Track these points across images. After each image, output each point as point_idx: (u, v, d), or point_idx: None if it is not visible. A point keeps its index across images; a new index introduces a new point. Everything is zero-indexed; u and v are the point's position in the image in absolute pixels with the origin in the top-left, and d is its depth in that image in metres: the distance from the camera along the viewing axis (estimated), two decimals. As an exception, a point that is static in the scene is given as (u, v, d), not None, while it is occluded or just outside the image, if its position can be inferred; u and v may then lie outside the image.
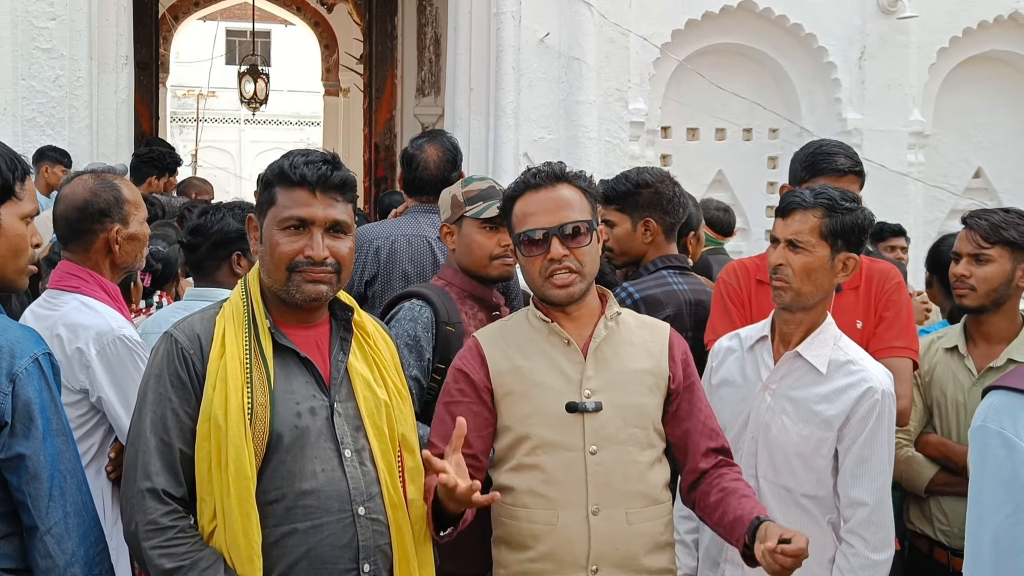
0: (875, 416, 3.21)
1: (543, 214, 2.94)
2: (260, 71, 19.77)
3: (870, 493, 3.21)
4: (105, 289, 3.57)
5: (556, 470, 2.92)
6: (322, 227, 2.68)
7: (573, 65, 8.20)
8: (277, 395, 2.64)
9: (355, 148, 18.17)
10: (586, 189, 3.02)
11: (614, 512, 2.91)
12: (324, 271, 2.68)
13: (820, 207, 3.25)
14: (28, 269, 2.76)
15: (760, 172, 9.01)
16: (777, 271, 3.28)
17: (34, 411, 2.50)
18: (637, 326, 3.10)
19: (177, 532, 2.54)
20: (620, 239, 4.20)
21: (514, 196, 3.03)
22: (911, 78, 8.93)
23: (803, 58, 8.93)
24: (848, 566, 3.21)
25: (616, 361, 2.99)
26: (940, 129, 9.12)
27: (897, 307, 3.80)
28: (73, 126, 7.52)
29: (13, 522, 2.52)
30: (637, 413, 2.98)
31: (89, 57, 7.58)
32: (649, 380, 3.01)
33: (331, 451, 2.68)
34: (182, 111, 30.15)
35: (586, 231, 2.96)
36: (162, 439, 2.59)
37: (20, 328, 2.64)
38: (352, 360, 2.79)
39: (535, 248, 2.95)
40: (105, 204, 3.60)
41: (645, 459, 2.97)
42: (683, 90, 8.83)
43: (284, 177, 2.69)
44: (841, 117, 8.79)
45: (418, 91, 14.08)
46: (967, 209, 8.35)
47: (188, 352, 2.65)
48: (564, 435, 2.92)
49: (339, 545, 2.64)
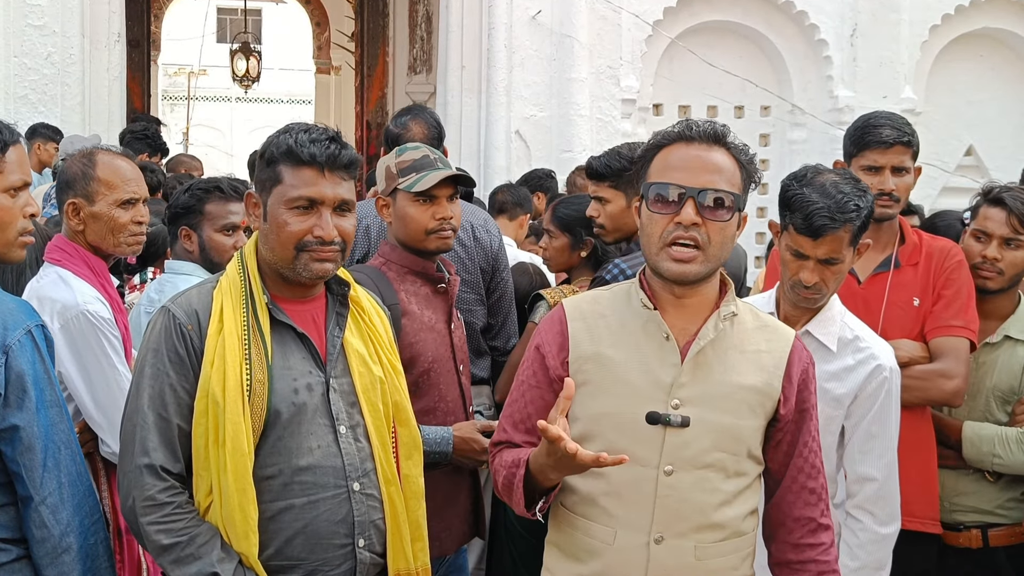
0: (884, 392, 3.22)
1: (687, 171, 2.48)
2: (252, 49, 19.71)
3: (879, 468, 3.23)
4: (89, 264, 3.51)
5: (622, 483, 2.51)
6: (331, 206, 2.66)
7: (565, 43, 8.20)
8: (275, 371, 2.63)
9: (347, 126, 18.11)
10: (745, 164, 2.57)
11: (681, 544, 2.50)
12: (331, 249, 2.66)
13: (849, 223, 3.15)
14: (19, 241, 2.73)
15: (752, 149, 8.98)
16: (812, 287, 3.20)
17: (27, 382, 2.52)
18: (755, 328, 2.63)
19: (174, 508, 2.54)
20: (614, 216, 4.14)
21: (660, 145, 2.58)
22: (903, 55, 8.95)
23: (795, 35, 8.94)
24: (857, 541, 3.23)
25: (720, 370, 2.54)
26: (932, 106, 9.14)
27: (957, 285, 3.73)
28: (65, 103, 7.51)
29: (8, 493, 2.54)
30: (730, 436, 2.53)
31: (81, 34, 7.56)
32: (753, 399, 2.55)
33: (327, 427, 2.68)
34: (173, 89, 30.05)
35: (730, 206, 2.48)
36: (160, 415, 2.57)
37: (13, 300, 2.63)
38: (348, 336, 2.78)
39: (665, 207, 2.47)
40: (71, 176, 3.52)
41: (730, 488, 2.53)
42: (675, 68, 8.84)
43: (292, 155, 2.65)
44: (833, 95, 8.81)
45: (410, 69, 14.04)
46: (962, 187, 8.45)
47: (186, 328, 2.62)
48: (638, 447, 2.49)
49: (335, 520, 2.65)
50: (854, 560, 3.22)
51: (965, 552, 3.77)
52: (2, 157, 2.63)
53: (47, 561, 2.53)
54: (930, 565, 3.75)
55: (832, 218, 3.12)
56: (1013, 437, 3.68)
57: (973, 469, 3.76)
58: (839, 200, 3.14)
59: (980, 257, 3.80)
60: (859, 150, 3.80)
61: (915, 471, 3.63)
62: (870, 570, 3.23)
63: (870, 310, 3.70)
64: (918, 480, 3.65)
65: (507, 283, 4.47)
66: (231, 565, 2.52)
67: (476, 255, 4.33)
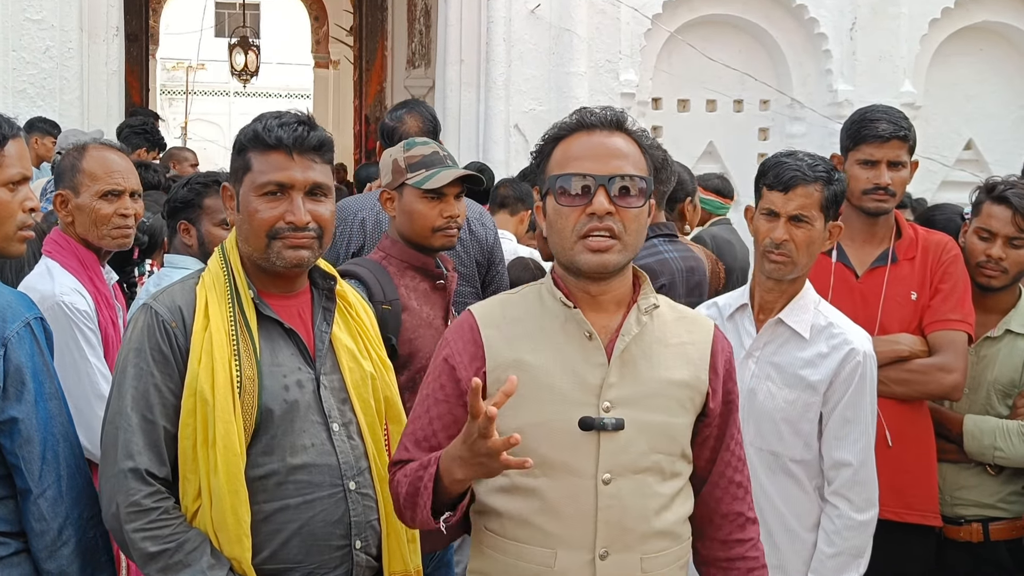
0: (857, 377, 3.21)
1: (592, 160, 2.36)
2: (251, 43, 19.70)
3: (854, 454, 3.21)
4: (79, 256, 3.53)
5: (558, 499, 2.35)
6: (302, 190, 2.57)
7: (564, 36, 8.19)
8: (264, 368, 2.54)
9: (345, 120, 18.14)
10: (647, 148, 2.45)
11: (626, 557, 2.37)
12: (306, 236, 2.57)
13: (820, 180, 3.22)
14: (18, 235, 2.72)
15: (751, 143, 9.01)
16: (781, 247, 3.23)
17: (26, 375, 2.50)
18: (675, 320, 2.51)
19: (161, 513, 2.44)
20: None
21: (559, 136, 2.45)
22: (902, 49, 8.93)
23: (794, 29, 8.93)
24: (833, 527, 3.21)
25: (646, 367, 2.41)
26: (931, 100, 9.13)
27: (954, 279, 3.72)
28: (64, 97, 7.50)
29: (7, 486, 2.53)
30: (665, 436, 2.41)
31: (79, 28, 7.54)
32: (684, 394, 2.44)
33: (319, 425, 2.60)
34: (171, 83, 30.03)
35: (640, 192, 2.36)
36: (144, 416, 2.47)
37: (12, 293, 2.62)
38: (336, 331, 2.71)
39: (574, 199, 2.34)
40: (62, 169, 3.56)
41: (667, 491, 2.42)
42: (674, 61, 8.83)
43: (259, 141, 2.57)
44: (832, 89, 8.80)
45: (408, 63, 14.04)
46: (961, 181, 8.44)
47: (170, 325, 2.52)
48: (572, 456, 2.35)
49: (331, 521, 2.57)
50: (831, 547, 3.21)
51: (966, 546, 3.77)
52: (1, 151, 2.61)
53: (46, 555, 2.51)
54: (929, 558, 3.75)
55: (802, 173, 3.20)
56: (1014, 430, 3.68)
57: (974, 463, 3.76)
58: (809, 162, 3.24)
59: (984, 256, 3.79)
60: (855, 144, 3.80)
61: (914, 464, 3.64)
62: (847, 557, 3.21)
63: (868, 304, 3.70)
64: (917, 473, 3.66)
65: (503, 276, 4.46)
66: (222, 572, 2.44)
67: (472, 248, 4.31)
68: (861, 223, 3.80)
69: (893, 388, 3.60)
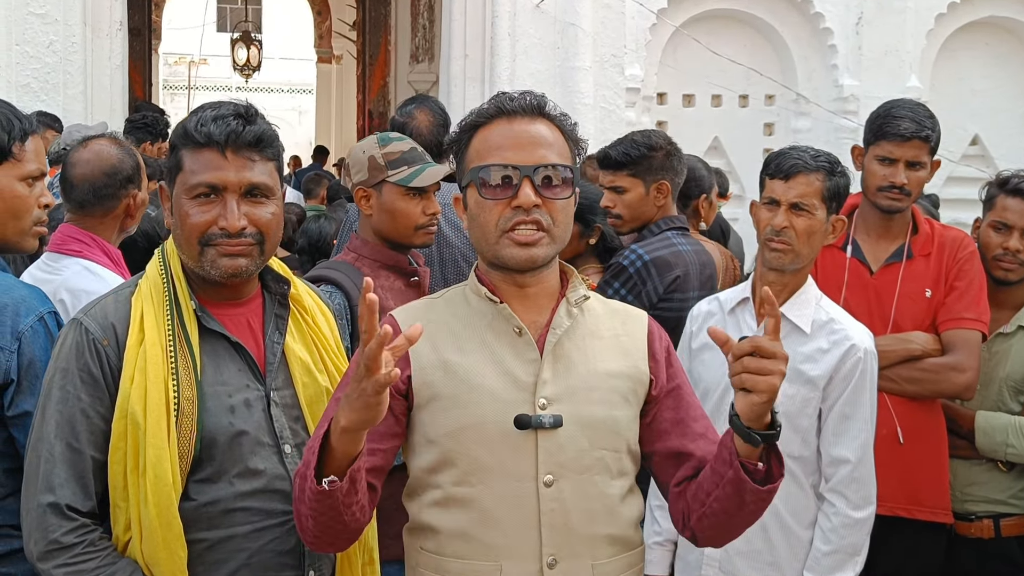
0: (858, 374, 3.20)
1: (514, 149, 2.25)
2: (253, 38, 19.70)
3: (852, 450, 3.20)
4: (108, 253, 3.54)
5: (498, 507, 2.22)
6: (236, 192, 2.32)
7: (569, 31, 8.16)
8: (206, 388, 2.32)
9: (348, 115, 18.13)
10: (569, 134, 2.35)
11: (576, 564, 2.24)
12: (243, 243, 2.33)
13: (822, 170, 3.23)
14: (34, 231, 2.75)
15: (756, 139, 8.99)
16: (780, 234, 3.23)
17: (40, 369, 2.50)
18: (606, 314, 2.42)
19: (85, 547, 2.24)
20: (632, 204, 4.09)
21: (476, 125, 2.33)
22: (908, 44, 8.90)
23: (800, 24, 8.90)
24: (830, 525, 3.20)
25: (581, 360, 2.31)
26: (937, 95, 9.08)
27: (969, 277, 3.71)
28: (67, 92, 7.47)
29: (18, 479, 2.51)
30: (607, 431, 2.29)
31: (83, 22, 7.52)
32: (624, 386, 2.33)
33: (270, 447, 2.38)
34: (173, 79, 29.98)
35: (566, 182, 2.27)
36: (70, 444, 2.26)
37: (26, 287, 2.64)
38: (289, 341, 2.47)
39: (497, 191, 2.24)
40: (131, 170, 3.58)
41: (615, 491, 2.30)
42: (679, 56, 8.80)
43: (189, 138, 2.33)
44: (838, 83, 8.77)
45: (412, 57, 14.01)
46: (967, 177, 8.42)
47: (101, 343, 2.31)
48: (510, 459, 2.22)
49: (283, 551, 2.37)
50: (827, 544, 3.19)
51: (977, 542, 3.76)
52: (21, 146, 2.63)
53: None
54: (939, 555, 3.74)
55: (804, 162, 3.22)
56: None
57: (986, 459, 3.75)
58: (812, 153, 3.27)
59: (1001, 249, 3.78)
60: (876, 139, 3.78)
61: (925, 461, 3.63)
62: (843, 555, 3.19)
63: (882, 301, 3.69)
64: (928, 470, 3.64)
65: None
66: None
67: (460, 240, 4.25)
68: (876, 218, 3.78)
69: (905, 387, 3.58)
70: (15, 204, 2.67)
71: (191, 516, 2.28)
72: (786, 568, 3.23)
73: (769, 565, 3.23)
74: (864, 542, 3.23)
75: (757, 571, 3.23)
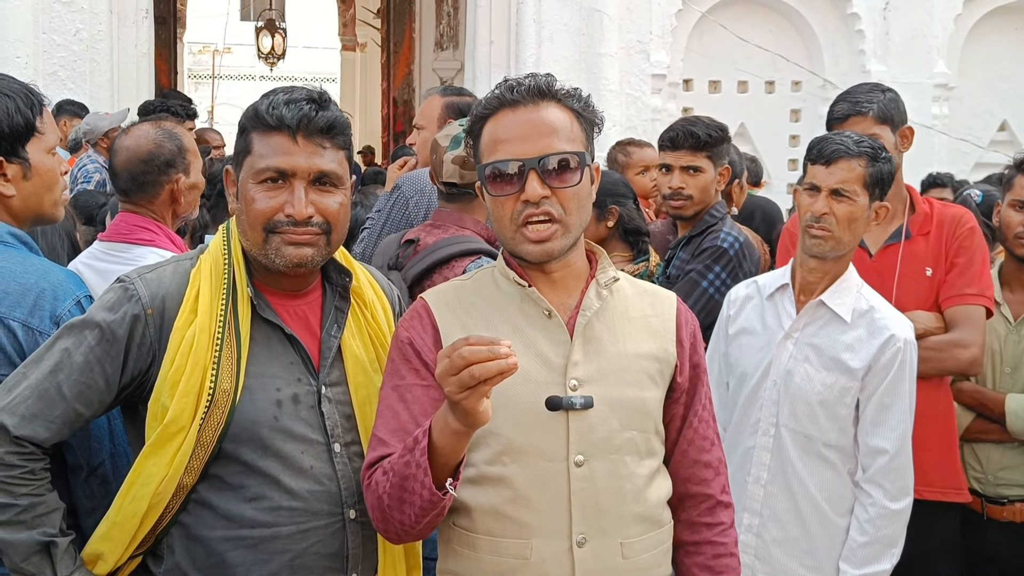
0: (897, 364, 3.19)
1: (519, 141, 2.22)
2: (277, 26, 19.73)
3: (890, 441, 3.19)
4: (173, 241, 3.54)
5: (529, 486, 2.23)
6: (305, 179, 2.26)
7: (594, 17, 8.14)
8: (251, 379, 2.26)
9: (373, 103, 18.15)
10: (580, 112, 2.30)
11: (605, 543, 2.25)
12: (309, 232, 2.27)
13: (864, 155, 3.21)
14: (63, 199, 2.77)
15: (782, 125, 8.95)
16: (821, 220, 3.22)
17: None
18: (636, 295, 2.40)
19: (24, 472, 2.19)
20: (705, 187, 4.09)
21: (484, 116, 2.30)
22: (936, 29, 8.85)
23: (827, 9, 8.85)
24: (867, 516, 3.18)
25: (611, 342, 2.30)
26: (965, 81, 9.04)
27: (970, 253, 3.69)
28: (94, 80, 7.52)
29: (57, 462, 2.51)
30: (637, 412, 2.30)
31: (109, 11, 7.57)
32: (652, 367, 2.33)
33: (320, 445, 2.31)
34: (197, 67, 30.10)
35: (576, 166, 2.23)
36: (58, 387, 2.21)
37: (62, 271, 2.65)
38: (347, 337, 2.40)
39: (506, 186, 2.22)
40: (170, 155, 3.54)
41: (644, 471, 2.31)
42: (705, 42, 8.78)
43: (260, 120, 2.28)
44: (865, 69, 8.72)
45: (436, 45, 14.00)
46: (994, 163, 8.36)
47: (146, 312, 2.24)
48: (541, 439, 2.23)
49: (327, 553, 2.30)
50: (863, 535, 3.18)
51: (1008, 525, 3.74)
52: (40, 119, 2.65)
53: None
54: (954, 535, 3.71)
55: (846, 147, 3.21)
56: (1057, 409, 3.65)
57: (1018, 442, 3.73)
58: (855, 138, 3.26)
59: (1021, 227, 3.76)
60: None
61: (933, 441, 3.61)
62: (881, 546, 3.18)
63: (883, 282, 3.66)
64: (937, 450, 3.62)
65: None
66: (63, 542, 2.22)
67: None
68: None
69: None
70: (49, 177, 2.70)
71: (235, 512, 2.25)
72: (822, 557, 3.22)
73: (805, 553, 3.22)
74: (901, 533, 3.21)
75: (793, 559, 3.22)
